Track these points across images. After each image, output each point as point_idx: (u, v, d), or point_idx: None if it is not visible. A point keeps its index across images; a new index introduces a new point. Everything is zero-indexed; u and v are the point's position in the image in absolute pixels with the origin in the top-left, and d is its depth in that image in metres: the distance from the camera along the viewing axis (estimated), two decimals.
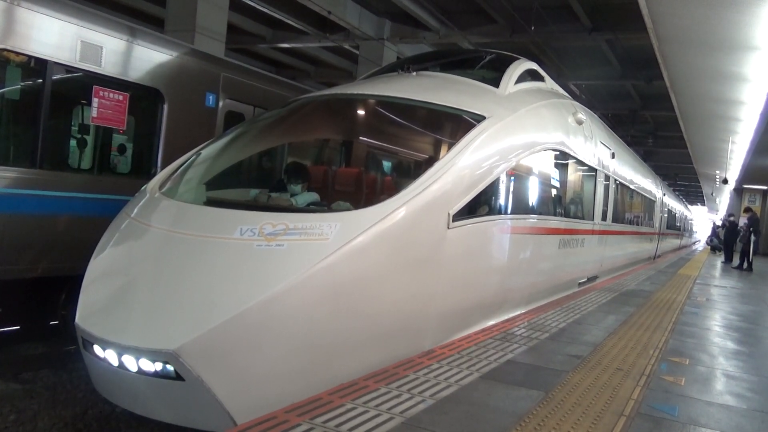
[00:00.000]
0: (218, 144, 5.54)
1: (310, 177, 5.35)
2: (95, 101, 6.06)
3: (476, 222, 4.84)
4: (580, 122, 7.59)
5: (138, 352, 3.46)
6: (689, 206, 43.56)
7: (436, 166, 4.46)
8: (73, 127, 6.41)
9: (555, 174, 7.14)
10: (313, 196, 5.05)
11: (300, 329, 3.63)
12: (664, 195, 20.17)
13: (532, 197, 6.24)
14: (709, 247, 31.59)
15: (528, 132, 5.85)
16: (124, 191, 5.79)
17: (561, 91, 8.42)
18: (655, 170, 22.44)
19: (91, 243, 4.36)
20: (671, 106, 15.47)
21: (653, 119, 26.35)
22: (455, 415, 3.06)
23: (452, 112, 5.29)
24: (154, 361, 3.44)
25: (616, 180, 10.33)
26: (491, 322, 5.44)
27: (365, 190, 5.47)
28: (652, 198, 16.50)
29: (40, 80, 5.68)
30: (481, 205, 4.97)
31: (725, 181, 23.75)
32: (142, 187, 4.92)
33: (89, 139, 6.50)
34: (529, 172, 6.11)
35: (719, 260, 21.33)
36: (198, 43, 10.78)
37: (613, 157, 9.99)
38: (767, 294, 11.08)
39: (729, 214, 22.77)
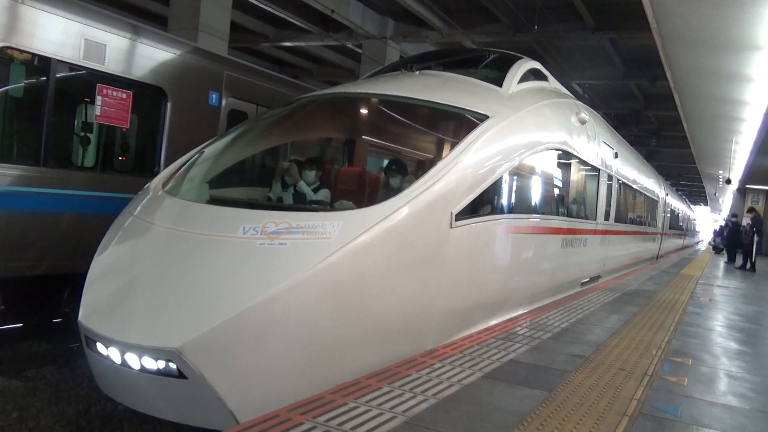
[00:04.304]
0: (221, 142, 5.54)
1: (324, 166, 5.37)
2: (99, 99, 6.06)
3: (479, 221, 4.83)
4: (583, 122, 7.57)
5: (141, 350, 3.47)
6: (692, 206, 43.49)
7: (439, 165, 4.46)
8: (76, 125, 6.41)
9: (558, 173, 7.12)
10: (325, 192, 5.09)
11: (302, 328, 3.63)
12: (667, 195, 20.13)
13: (535, 197, 6.23)
14: (712, 247, 31.53)
15: (531, 131, 5.84)
16: (127, 189, 5.80)
17: (564, 90, 8.40)
18: (658, 170, 22.39)
19: (94, 241, 4.37)
20: (674, 106, 15.43)
21: (656, 119, 26.27)
22: (457, 414, 3.06)
23: (455, 111, 5.29)
24: (156, 359, 3.45)
25: (618, 180, 10.31)
26: (493, 322, 5.44)
27: (368, 189, 5.47)
28: (655, 198, 16.47)
29: (44, 78, 5.70)
30: (484, 204, 4.97)
31: (728, 182, 23.63)
32: (145, 185, 4.93)
33: (92, 137, 6.52)
34: (531, 171, 6.10)
35: (722, 260, 21.29)
36: (201, 42, 10.77)
37: (616, 156, 9.97)
38: None
39: (732, 214, 22.69)
